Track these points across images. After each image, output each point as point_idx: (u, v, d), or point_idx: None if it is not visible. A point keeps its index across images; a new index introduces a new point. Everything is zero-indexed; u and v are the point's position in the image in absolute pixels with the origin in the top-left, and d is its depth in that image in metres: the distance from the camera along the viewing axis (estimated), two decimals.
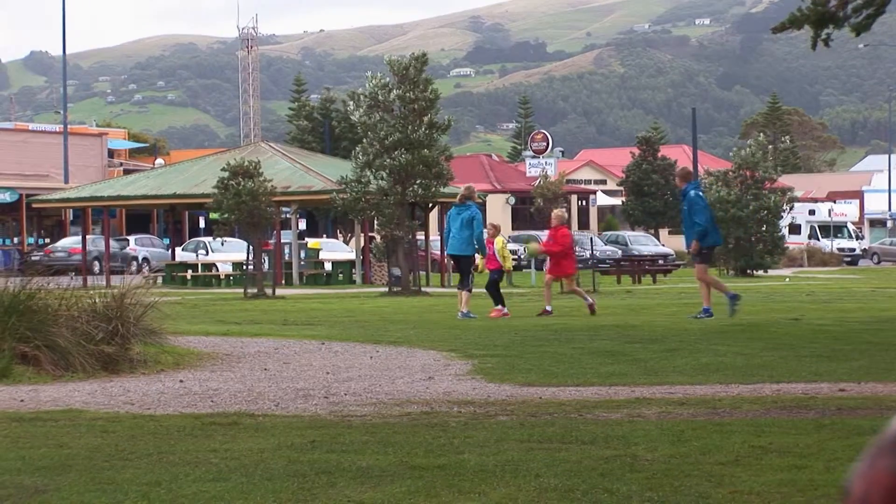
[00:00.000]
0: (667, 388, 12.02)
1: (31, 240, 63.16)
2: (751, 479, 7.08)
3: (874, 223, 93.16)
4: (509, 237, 55.64)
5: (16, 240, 62.21)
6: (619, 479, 7.17)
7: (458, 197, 25.39)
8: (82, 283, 32.02)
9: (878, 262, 72.77)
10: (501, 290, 24.83)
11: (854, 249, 76.30)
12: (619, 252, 53.47)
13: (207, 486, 7.13)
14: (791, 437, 8.64)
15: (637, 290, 36.20)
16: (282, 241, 48.02)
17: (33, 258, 52.59)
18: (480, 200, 29.61)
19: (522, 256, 52.52)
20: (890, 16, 14.42)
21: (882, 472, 1.23)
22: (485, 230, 25.25)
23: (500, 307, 23.77)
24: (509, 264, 29.48)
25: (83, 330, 14.11)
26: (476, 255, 24.72)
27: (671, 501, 6.60)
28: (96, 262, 52.67)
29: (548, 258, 26.24)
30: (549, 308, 23.68)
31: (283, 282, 43.41)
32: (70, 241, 57.96)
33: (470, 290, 24.01)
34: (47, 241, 62.78)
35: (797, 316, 22.30)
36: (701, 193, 23.21)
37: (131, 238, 59.82)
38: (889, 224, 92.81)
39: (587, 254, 44.31)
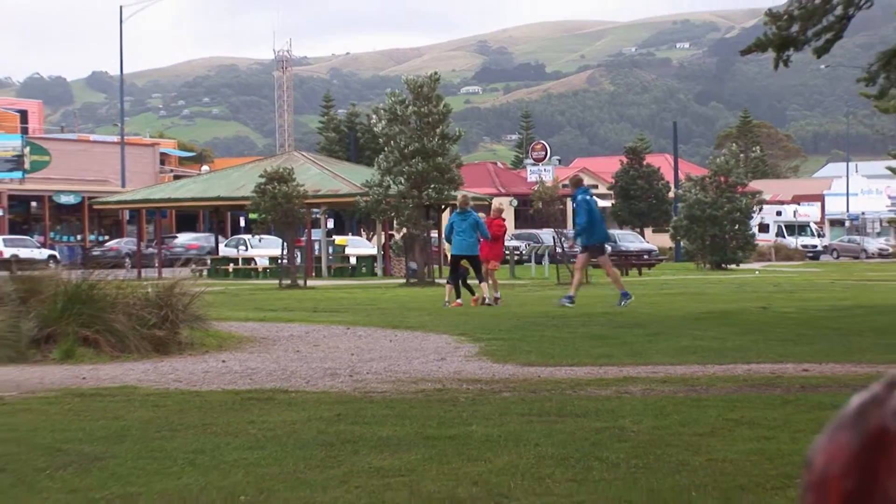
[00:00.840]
0: (650, 367, 12.39)
1: (93, 237, 65.76)
2: (725, 448, 7.30)
3: (834, 223, 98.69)
4: (512, 235, 59.02)
5: (79, 237, 65.15)
6: (608, 448, 7.39)
7: (459, 205, 26.47)
8: (137, 275, 34.08)
9: (837, 258, 76.46)
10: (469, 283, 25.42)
11: (816, 246, 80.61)
12: (609, 248, 55.62)
13: (246, 453, 7.34)
14: (760, 412, 8.87)
15: (625, 281, 36.04)
16: (312, 238, 49.96)
17: (94, 253, 55.38)
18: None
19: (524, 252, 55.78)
20: (848, 39, 14.76)
21: (841, 445, 1.24)
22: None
23: (459, 300, 24.37)
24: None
25: (138, 316, 14.81)
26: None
27: (654, 468, 6.75)
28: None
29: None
30: (497, 295, 24.35)
31: (314, 274, 44.72)
32: (189, 238, 60.16)
33: (482, 281, 24.66)
34: (106, 237, 65.40)
35: (765, 305, 22.94)
36: (588, 198, 24.00)
37: (178, 236, 61.99)
38: (847, 224, 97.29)
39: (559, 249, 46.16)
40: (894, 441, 1.17)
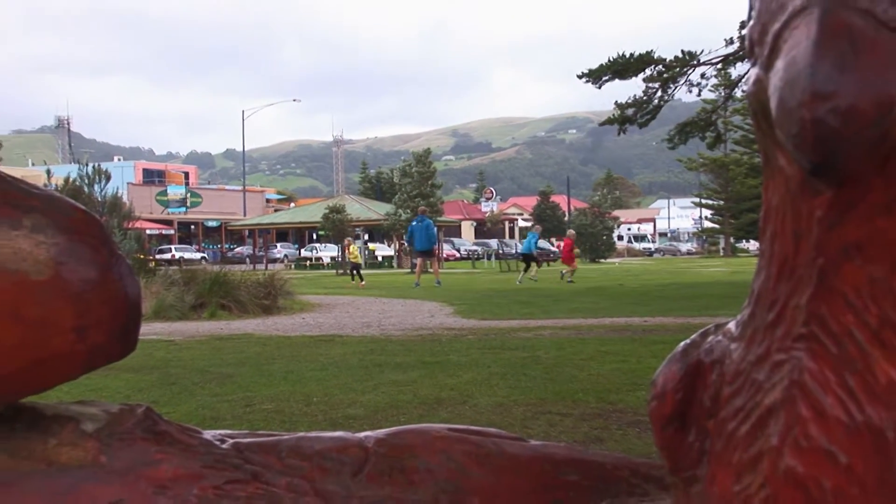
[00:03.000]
0: (554, 320, 13.16)
1: (227, 245, 74.51)
2: (598, 368, 7.84)
3: (661, 235, 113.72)
4: (473, 243, 70.79)
5: (218, 245, 73.73)
6: (530, 368, 7.93)
7: (417, 213, 29.89)
8: (252, 268, 37.31)
9: (663, 255, 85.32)
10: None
11: (650, 248, 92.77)
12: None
13: (316, 372, 7.93)
14: (619, 346, 9.41)
15: (540, 270, 39.85)
16: (356, 244, 54.72)
17: (228, 255, 64.83)
18: (429, 213, 36.80)
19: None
20: (666, 125, 15.91)
21: (673, 372, 1.28)
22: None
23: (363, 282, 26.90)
24: (360, 260, 33.20)
25: (253, 291, 15.76)
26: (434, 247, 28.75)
27: (557, 379, 7.20)
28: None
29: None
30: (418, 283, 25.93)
31: (357, 267, 49.18)
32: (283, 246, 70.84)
33: (426, 269, 27.91)
34: (235, 246, 74.35)
35: (620, 283, 25.00)
36: (414, 223, 27.65)
37: (278, 245, 70.62)
38: (668, 235, 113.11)
39: (500, 251, 54.65)
40: (705, 370, 1.25)
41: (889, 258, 1.08)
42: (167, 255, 51.59)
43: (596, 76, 15.36)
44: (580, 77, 15.47)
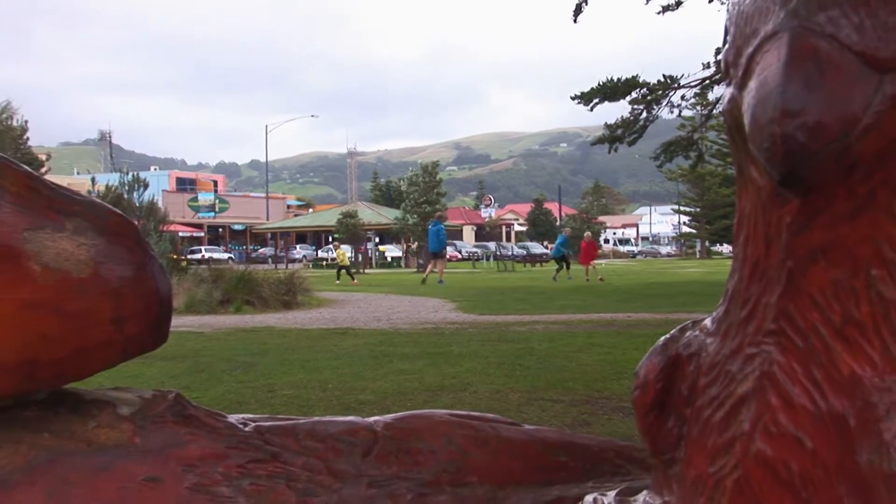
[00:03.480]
0: (547, 315, 13.00)
1: (251, 247, 74.44)
2: (586, 359, 7.74)
3: (643, 238, 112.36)
4: (474, 245, 70.97)
5: (243, 247, 73.74)
6: (524, 359, 7.83)
7: (435, 218, 29.66)
8: (275, 267, 36.67)
9: (645, 257, 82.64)
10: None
11: (634, 251, 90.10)
12: (525, 252, 61.79)
13: (331, 361, 7.87)
14: (605, 339, 9.30)
15: (532, 270, 38.90)
16: (368, 246, 54.88)
17: (252, 255, 65.14)
18: (445, 219, 36.89)
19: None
20: (651, 140, 16.03)
21: (654, 363, 1.25)
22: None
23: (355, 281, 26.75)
24: (347, 262, 32.63)
25: (274, 288, 15.67)
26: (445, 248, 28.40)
27: (549, 368, 7.15)
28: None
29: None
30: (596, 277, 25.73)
31: (368, 266, 48.99)
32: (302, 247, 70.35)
33: (434, 269, 27.33)
34: (258, 247, 74.12)
35: (605, 280, 25.26)
36: (430, 227, 27.53)
37: (297, 247, 69.61)
38: (650, 239, 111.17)
39: (498, 252, 53.96)
40: (684, 362, 1.23)
41: (851, 261, 1.08)
42: (197, 256, 51.62)
43: (587, 99, 15.36)
44: (573, 99, 15.45)
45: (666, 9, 14.13)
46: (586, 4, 13.19)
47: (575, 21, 13.36)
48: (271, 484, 1.29)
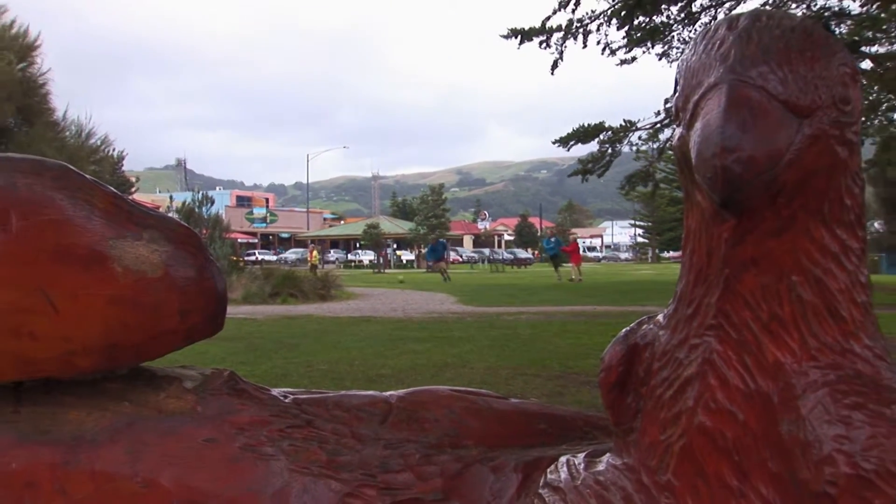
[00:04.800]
0: (530, 307, 12.90)
1: (296, 251, 71.19)
2: (561, 342, 7.61)
3: (606, 247, 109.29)
4: (472, 251, 70.22)
5: (290, 251, 70.11)
6: (512, 341, 7.75)
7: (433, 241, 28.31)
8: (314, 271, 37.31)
9: (608, 262, 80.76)
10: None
11: (599, 256, 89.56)
12: (513, 256, 61.47)
13: (357, 342, 7.79)
14: (576, 326, 9.16)
15: (519, 271, 38.50)
16: (387, 251, 54.40)
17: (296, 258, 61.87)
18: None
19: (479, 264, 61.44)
20: (616, 169, 15.92)
21: (617, 351, 1.20)
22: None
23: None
24: (318, 263, 31.14)
25: (313, 284, 15.51)
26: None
27: (532, 350, 7.06)
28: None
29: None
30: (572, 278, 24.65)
31: (388, 267, 48.75)
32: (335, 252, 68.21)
33: (442, 271, 26.81)
34: (301, 251, 71.93)
35: (574, 281, 24.21)
36: (432, 245, 26.50)
37: (332, 251, 68.37)
38: (611, 247, 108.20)
39: (491, 257, 54.40)
40: (641, 350, 1.19)
41: (776, 270, 1.07)
42: (252, 258, 51.73)
43: (565, 142, 15.42)
44: (554, 143, 15.42)
45: (624, 62, 14.08)
46: (562, 60, 13.10)
47: (552, 73, 13.24)
48: (306, 445, 1.27)
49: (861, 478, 0.92)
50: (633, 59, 14.29)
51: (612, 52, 13.67)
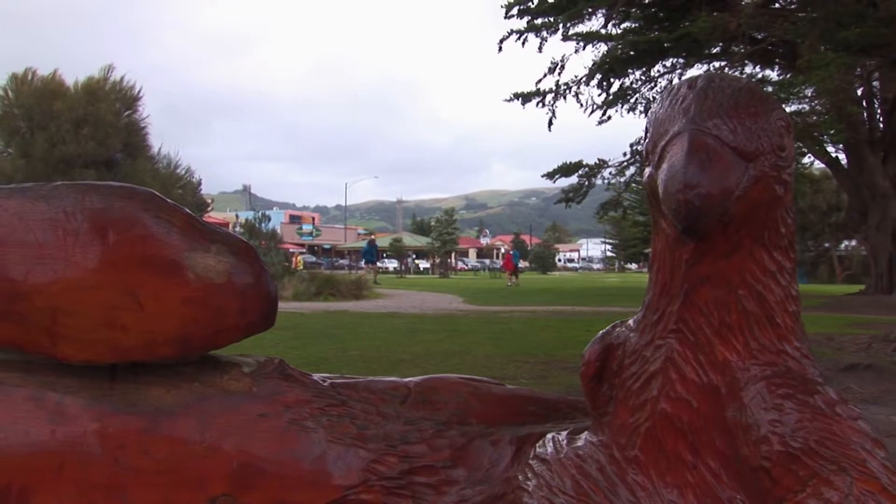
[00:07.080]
0: (521, 307, 12.35)
1: (335, 259, 70.50)
2: (546, 336, 7.45)
3: (582, 259, 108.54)
4: (475, 261, 70.06)
5: (330, 259, 71.23)
6: (506, 334, 7.52)
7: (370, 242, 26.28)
8: (349, 272, 36.82)
9: (584, 271, 79.58)
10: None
11: (576, 267, 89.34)
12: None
13: (383, 333, 7.35)
14: (557, 323, 8.92)
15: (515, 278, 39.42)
16: (408, 259, 54.31)
17: (335, 264, 60.54)
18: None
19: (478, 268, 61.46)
20: (593, 197, 15.67)
21: (595, 349, 1.15)
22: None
23: None
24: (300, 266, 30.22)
25: (348, 285, 15.20)
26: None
27: (523, 342, 6.91)
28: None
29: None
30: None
31: (408, 273, 48.58)
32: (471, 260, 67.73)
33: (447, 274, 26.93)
34: (339, 260, 69.37)
35: (560, 286, 24.32)
36: (366, 247, 24.66)
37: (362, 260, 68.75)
38: (586, 259, 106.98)
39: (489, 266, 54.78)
40: (614, 348, 1.15)
41: (726, 285, 1.05)
42: (312, 260, 51.75)
43: (551, 175, 15.59)
44: (542, 176, 15.53)
45: (601, 122, 14.39)
46: (555, 118, 13.31)
47: (549, 129, 13.42)
48: (340, 420, 1.25)
49: (790, 454, 0.91)
50: (609, 118, 14.47)
51: (593, 111, 13.92)
